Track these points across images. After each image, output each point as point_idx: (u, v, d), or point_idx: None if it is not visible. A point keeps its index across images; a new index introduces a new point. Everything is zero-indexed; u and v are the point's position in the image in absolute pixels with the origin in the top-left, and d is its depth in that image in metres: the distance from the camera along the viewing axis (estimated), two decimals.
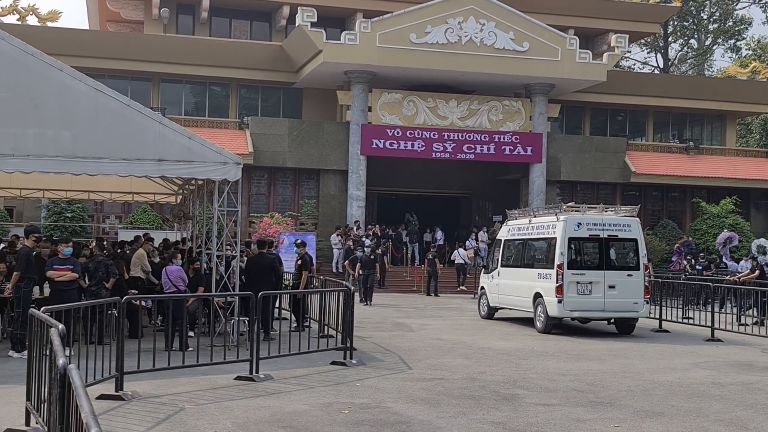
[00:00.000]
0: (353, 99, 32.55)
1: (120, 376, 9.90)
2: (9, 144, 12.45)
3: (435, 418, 9.17)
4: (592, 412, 9.67)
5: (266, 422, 8.74)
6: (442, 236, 34.10)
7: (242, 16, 38.13)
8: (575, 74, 33.03)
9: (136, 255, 16.49)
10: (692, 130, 40.88)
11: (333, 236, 31.00)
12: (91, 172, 13.12)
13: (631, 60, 59.21)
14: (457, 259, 30.64)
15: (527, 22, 32.47)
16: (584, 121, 39.16)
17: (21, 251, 13.42)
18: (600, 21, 39.10)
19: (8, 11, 32.48)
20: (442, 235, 34.12)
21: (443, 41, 31.60)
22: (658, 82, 40.56)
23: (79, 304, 11.03)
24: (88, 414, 4.18)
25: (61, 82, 12.75)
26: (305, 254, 17.97)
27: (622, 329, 18.31)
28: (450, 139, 33.08)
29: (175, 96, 35.33)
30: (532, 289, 18.43)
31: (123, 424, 8.46)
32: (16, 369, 11.08)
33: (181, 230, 24.00)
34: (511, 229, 20.62)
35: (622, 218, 18.35)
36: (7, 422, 8.25)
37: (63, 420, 5.39)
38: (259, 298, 11.61)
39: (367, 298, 24.50)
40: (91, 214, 32.38)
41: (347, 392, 10.53)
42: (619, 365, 13.50)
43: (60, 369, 5.53)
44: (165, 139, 13.19)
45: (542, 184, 34.42)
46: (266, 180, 33.84)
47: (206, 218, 17.14)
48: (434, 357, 13.88)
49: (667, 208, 38.31)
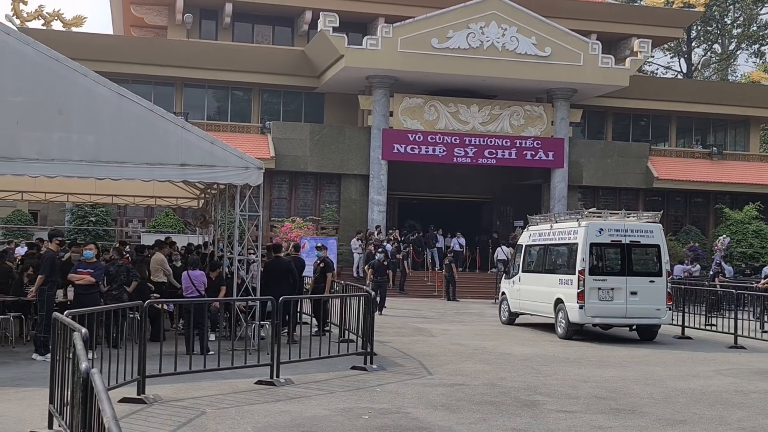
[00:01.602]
0: (375, 104, 32.59)
1: (142, 379, 9.96)
2: (34, 148, 12.59)
3: (455, 424, 9.15)
4: (614, 420, 9.62)
5: (286, 427, 8.76)
6: (458, 242, 33.91)
7: (265, 21, 38.28)
8: (597, 79, 32.89)
9: (155, 260, 16.58)
10: (716, 136, 40.56)
11: (353, 241, 31.03)
12: (114, 176, 13.25)
13: (654, 65, 58.85)
14: (500, 255, 31.02)
15: (549, 26, 32.37)
16: (607, 127, 38.96)
17: (45, 255, 13.54)
18: (623, 26, 38.89)
19: (33, 16, 32.79)
20: (458, 241, 33.92)
21: (465, 46, 31.56)
22: (682, 87, 40.29)
23: (102, 307, 11.12)
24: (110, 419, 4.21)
25: (85, 87, 12.87)
26: (326, 257, 18.07)
27: (644, 336, 18.20)
28: (471, 143, 33.03)
29: (198, 101, 35.52)
30: (554, 294, 18.36)
31: (144, 427, 8.51)
32: (40, 372, 11.18)
33: (202, 234, 24.12)
34: (532, 235, 20.56)
35: (644, 224, 18.26)
36: (30, 425, 8.33)
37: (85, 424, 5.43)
38: (280, 302, 11.65)
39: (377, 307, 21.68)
40: (115, 218, 32.61)
41: (367, 397, 10.53)
42: (641, 372, 13.42)
43: (83, 373, 5.58)
44: (187, 143, 13.28)
45: (564, 190, 34.29)
46: (287, 184, 33.94)
47: (228, 222, 17.22)
48: (455, 362, 13.86)
49: (690, 213, 38.03)
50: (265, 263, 16.21)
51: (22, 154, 12.55)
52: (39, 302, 13.06)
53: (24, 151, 12.55)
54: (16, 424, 8.48)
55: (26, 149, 12.55)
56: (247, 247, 15.13)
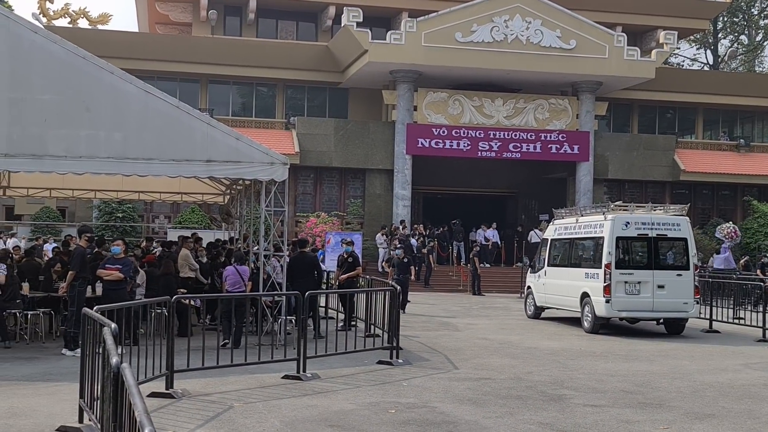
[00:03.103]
0: (399, 98, 32.57)
1: (170, 374, 10.05)
2: (62, 146, 12.72)
3: (482, 418, 9.15)
4: (641, 414, 9.57)
5: (314, 421, 8.80)
6: (494, 234, 33.77)
7: (288, 17, 38.37)
8: (623, 71, 32.65)
9: (181, 256, 16.71)
10: (743, 128, 40.15)
11: (378, 236, 31.05)
12: (141, 173, 13.36)
13: (680, 57, 58.29)
14: (533, 239, 31.30)
15: (574, 19, 32.18)
16: (632, 119, 38.68)
17: (75, 251, 13.68)
18: (648, 17, 38.56)
19: (60, 14, 33.06)
20: (494, 233, 33.78)
21: (489, 40, 31.45)
22: (708, 79, 39.93)
23: (131, 303, 11.21)
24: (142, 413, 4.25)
25: (111, 85, 12.98)
26: (353, 252, 18.19)
27: (671, 330, 18.08)
28: (496, 138, 32.93)
29: (223, 97, 35.68)
30: (580, 288, 18.28)
31: (173, 421, 8.58)
32: (69, 367, 11.31)
33: (228, 230, 24.23)
34: (557, 228, 20.48)
35: (671, 217, 18.12)
36: (61, 419, 8.42)
37: (116, 418, 5.49)
38: (306, 297, 11.71)
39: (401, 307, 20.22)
40: (141, 214, 32.86)
41: (394, 392, 10.55)
42: (669, 366, 13.34)
43: (113, 368, 5.63)
44: (213, 139, 13.36)
45: (589, 183, 34.11)
46: (312, 180, 34.02)
47: (253, 218, 17.29)
48: (481, 357, 13.85)
49: (718, 206, 37.70)
50: (290, 258, 16.29)
51: (50, 151, 12.69)
52: (69, 298, 13.20)
53: (52, 149, 12.69)
54: (47, 418, 8.58)
55: (54, 147, 12.69)
56: (272, 243, 15.19)
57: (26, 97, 12.69)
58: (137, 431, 4.30)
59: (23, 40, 12.71)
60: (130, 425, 4.88)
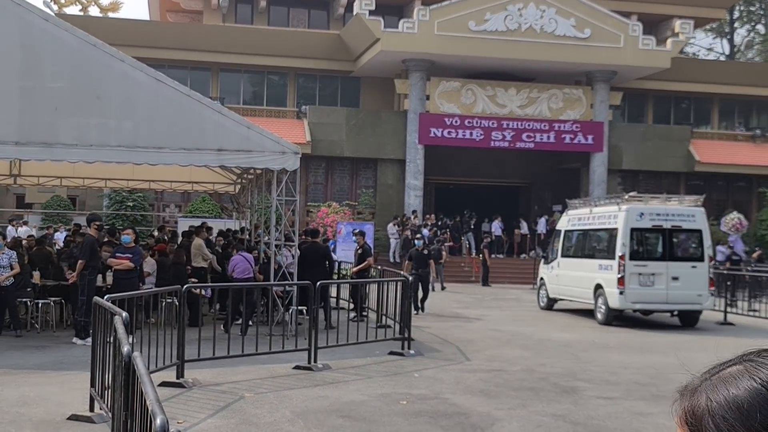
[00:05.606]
0: (411, 88, 32.42)
1: (181, 363, 10.00)
2: (72, 134, 12.67)
3: (494, 409, 9.06)
4: (655, 406, 9.46)
5: (325, 411, 8.73)
6: (498, 227, 33.66)
7: (300, 5, 38.25)
8: (638, 61, 32.40)
9: (194, 245, 16.66)
10: (759, 118, 39.80)
11: (390, 226, 30.95)
12: (152, 161, 13.30)
13: (696, 46, 57.87)
14: (540, 227, 31.81)
15: (589, 8, 31.92)
16: (647, 109, 38.40)
17: (85, 240, 13.63)
18: (664, 6, 38.22)
19: (71, 2, 33.07)
20: (499, 226, 33.67)
21: (503, 29, 31.25)
22: (724, 69, 39.58)
23: (142, 292, 11.17)
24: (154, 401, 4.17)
25: (122, 73, 12.91)
26: (365, 243, 18.04)
27: (685, 322, 17.94)
28: (509, 127, 32.75)
29: (234, 85, 35.60)
30: (593, 280, 18.15)
31: (184, 411, 8.53)
32: (80, 356, 11.28)
33: (239, 219, 24.19)
34: (571, 219, 20.33)
35: (686, 208, 17.95)
36: (72, 408, 8.39)
37: (127, 406, 5.43)
38: (318, 287, 11.63)
39: (417, 306, 18.37)
40: (152, 203, 32.88)
41: (405, 383, 10.47)
42: (683, 358, 13.21)
43: (125, 356, 5.58)
44: (224, 128, 13.28)
45: (603, 174, 33.90)
46: (324, 169, 33.93)
47: (264, 207, 17.22)
48: (493, 348, 13.75)
49: (733, 197, 37.42)
50: (302, 248, 16.23)
51: (60, 139, 12.64)
52: (80, 287, 13.16)
53: (63, 137, 12.64)
54: (58, 407, 8.54)
55: (65, 135, 12.64)
56: (283, 232, 15.13)
57: (37, 86, 12.64)
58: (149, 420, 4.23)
59: (34, 28, 12.65)
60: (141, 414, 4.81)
